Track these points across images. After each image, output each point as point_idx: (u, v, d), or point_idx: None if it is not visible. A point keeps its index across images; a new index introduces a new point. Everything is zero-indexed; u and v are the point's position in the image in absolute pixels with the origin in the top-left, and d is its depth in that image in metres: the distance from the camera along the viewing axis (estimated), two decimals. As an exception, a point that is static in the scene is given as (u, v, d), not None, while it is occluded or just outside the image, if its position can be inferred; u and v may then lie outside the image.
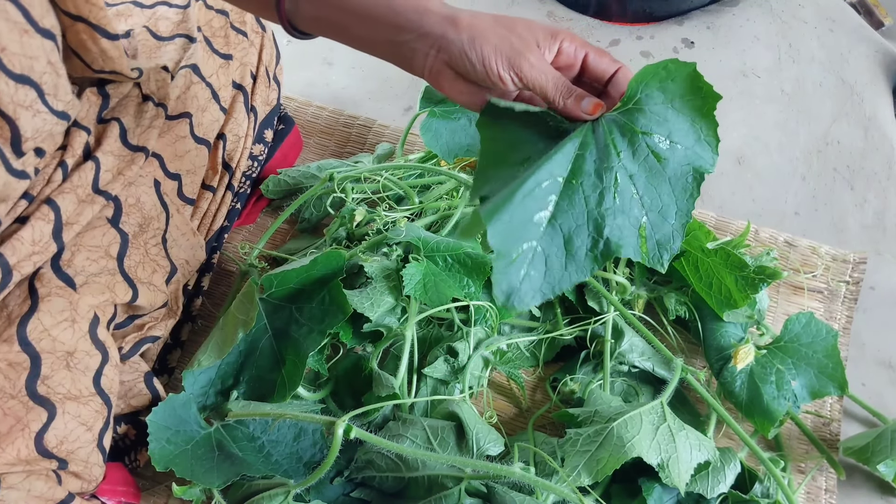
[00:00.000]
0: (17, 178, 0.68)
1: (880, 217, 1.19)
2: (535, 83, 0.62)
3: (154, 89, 0.89)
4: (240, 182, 1.06)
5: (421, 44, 0.64)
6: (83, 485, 0.74)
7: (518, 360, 0.94)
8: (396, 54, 0.67)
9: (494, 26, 0.63)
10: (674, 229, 0.58)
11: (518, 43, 0.62)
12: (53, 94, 0.70)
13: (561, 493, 0.72)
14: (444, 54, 0.64)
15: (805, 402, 0.85)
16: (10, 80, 0.64)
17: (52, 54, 0.69)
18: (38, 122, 0.68)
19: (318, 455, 0.81)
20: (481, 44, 0.62)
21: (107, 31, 0.76)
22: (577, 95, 0.61)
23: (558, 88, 0.62)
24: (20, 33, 0.64)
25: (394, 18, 0.65)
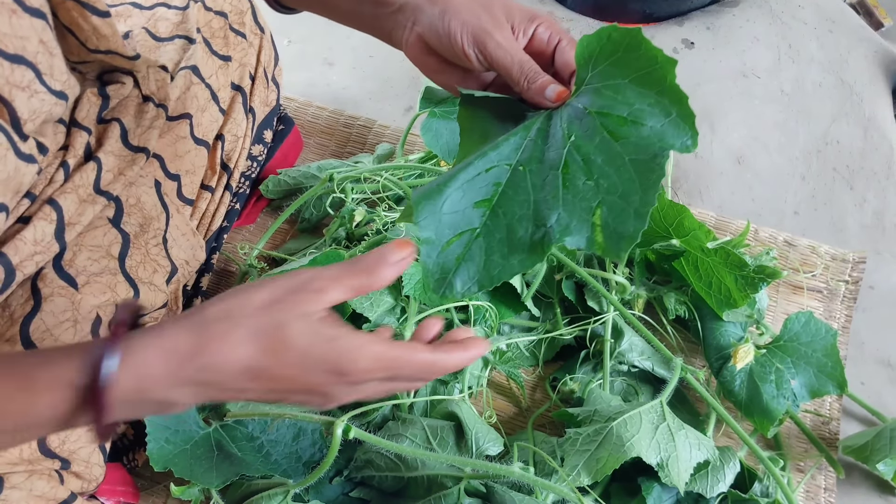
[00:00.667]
0: (25, 162, 0.68)
1: (879, 217, 1.20)
2: (499, 63, 0.60)
3: (154, 90, 0.89)
4: (239, 182, 1.06)
5: (400, 16, 0.64)
6: (84, 485, 0.74)
7: (517, 359, 0.94)
8: (378, 27, 0.66)
9: (470, 2, 0.61)
10: (635, 215, 0.51)
11: (488, 21, 0.60)
12: (50, 74, 0.69)
13: (560, 493, 0.72)
14: (419, 26, 0.63)
15: (804, 401, 0.85)
16: (3, 60, 0.63)
17: (43, 33, 0.68)
18: (35, 103, 0.68)
19: (318, 455, 0.81)
20: (451, 17, 0.60)
21: (96, 7, 0.74)
22: (542, 81, 0.59)
23: (524, 71, 0.59)
24: (8, 14, 0.64)
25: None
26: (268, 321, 0.49)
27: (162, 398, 0.49)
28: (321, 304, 0.50)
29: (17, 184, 0.69)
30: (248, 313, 0.49)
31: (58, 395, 0.48)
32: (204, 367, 0.48)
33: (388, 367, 0.50)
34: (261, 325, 0.49)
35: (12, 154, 0.65)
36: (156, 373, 0.48)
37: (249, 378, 0.49)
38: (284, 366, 0.49)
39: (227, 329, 0.49)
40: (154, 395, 0.48)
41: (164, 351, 0.48)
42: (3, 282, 0.67)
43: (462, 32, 0.60)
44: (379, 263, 0.52)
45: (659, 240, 0.88)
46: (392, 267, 0.52)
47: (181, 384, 0.48)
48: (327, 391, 0.51)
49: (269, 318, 0.49)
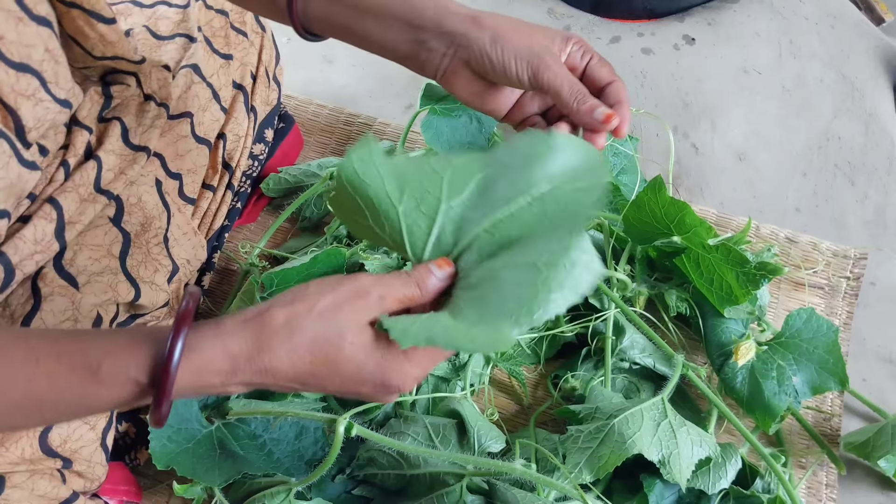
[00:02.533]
0: (28, 169, 0.68)
1: (881, 213, 1.20)
2: (552, 86, 0.62)
3: (156, 88, 0.89)
4: (240, 181, 1.06)
5: (439, 43, 0.65)
6: (86, 484, 0.74)
7: (519, 357, 0.94)
8: (411, 54, 0.67)
9: (516, 28, 0.63)
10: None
11: (538, 47, 0.62)
12: (55, 82, 0.70)
13: (562, 490, 0.72)
14: (464, 52, 0.64)
15: (806, 397, 0.85)
16: (9, 69, 0.63)
17: (49, 41, 0.68)
18: (40, 112, 0.68)
19: (320, 453, 0.81)
20: (503, 45, 0.62)
21: (102, 15, 0.74)
22: (591, 103, 0.62)
23: (573, 93, 0.62)
24: (15, 21, 0.64)
25: (413, 17, 0.65)
26: (329, 330, 0.51)
27: (218, 391, 0.52)
28: (380, 312, 0.53)
29: (19, 190, 0.69)
30: (311, 319, 0.51)
31: (121, 389, 0.50)
32: (262, 370, 0.50)
33: (426, 365, 0.55)
34: (321, 334, 0.51)
35: (15, 162, 0.66)
36: (216, 371, 0.50)
37: (303, 382, 0.52)
38: (337, 375, 0.52)
39: (288, 336, 0.51)
40: (210, 390, 0.52)
41: (226, 352, 0.50)
42: (3, 281, 0.67)
43: (516, 59, 0.62)
44: (428, 276, 0.55)
45: (660, 237, 0.88)
46: (439, 281, 0.55)
47: (237, 382, 0.51)
48: (379, 398, 0.55)
49: (331, 327, 0.51)
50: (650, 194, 0.84)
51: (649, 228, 0.88)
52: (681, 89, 1.27)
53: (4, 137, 0.64)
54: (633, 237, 0.92)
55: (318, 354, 0.51)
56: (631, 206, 0.87)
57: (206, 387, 0.51)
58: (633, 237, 0.92)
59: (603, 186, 0.55)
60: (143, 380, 0.50)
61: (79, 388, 0.49)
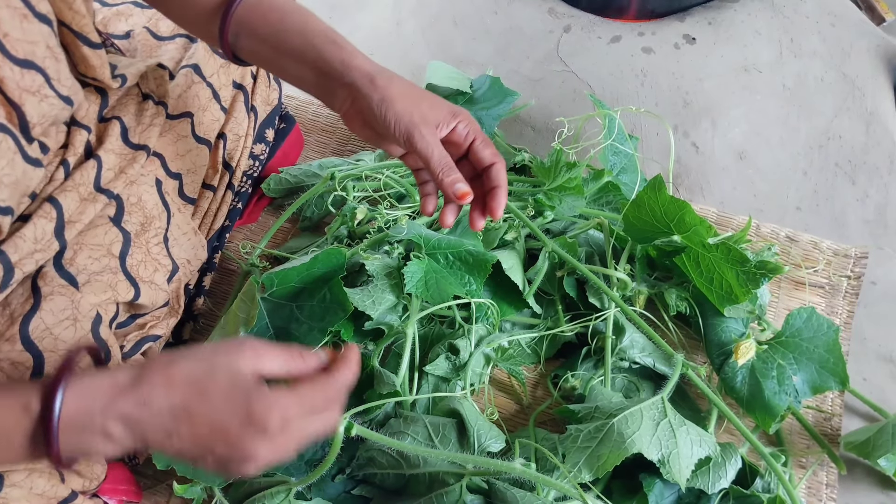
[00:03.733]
0: (32, 165, 0.69)
1: (881, 212, 1.19)
2: (422, 153, 0.70)
3: (153, 87, 0.89)
4: (241, 181, 1.06)
5: (342, 91, 0.73)
6: (85, 483, 0.74)
7: (519, 356, 0.94)
8: (319, 94, 0.76)
9: (404, 96, 0.70)
10: None
11: (417, 117, 0.70)
12: (57, 79, 0.70)
13: (562, 489, 0.72)
14: (358, 104, 0.72)
15: (806, 396, 0.84)
16: (14, 65, 0.64)
17: (49, 39, 0.69)
18: (44, 108, 0.69)
19: (320, 453, 0.81)
20: (388, 107, 0.70)
21: (88, 38, 0.76)
22: (454, 177, 0.70)
23: (441, 165, 0.70)
24: (20, 18, 0.65)
25: (321, 66, 0.73)
26: (203, 365, 0.55)
27: (100, 427, 0.53)
28: (255, 365, 0.56)
29: (24, 187, 0.69)
30: (189, 359, 0.55)
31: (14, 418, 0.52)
32: (140, 401, 0.53)
33: (297, 403, 0.55)
34: (196, 368, 0.55)
35: (20, 158, 0.66)
36: (97, 399, 0.53)
37: (176, 418, 0.53)
38: (207, 408, 0.53)
39: (166, 367, 0.54)
40: (94, 422, 0.53)
41: (107, 381, 0.54)
42: (2, 280, 0.68)
43: (395, 122, 0.70)
44: (314, 359, 0.60)
45: (660, 236, 0.88)
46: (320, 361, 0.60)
47: (118, 417, 0.53)
48: (247, 446, 0.54)
49: (206, 363, 0.55)
50: (650, 193, 0.84)
51: (649, 227, 0.88)
52: (681, 88, 1.27)
53: (9, 133, 0.65)
54: (633, 236, 0.92)
55: (191, 386, 0.54)
56: (631, 206, 0.87)
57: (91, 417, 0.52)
58: (633, 236, 0.92)
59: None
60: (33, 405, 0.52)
61: None
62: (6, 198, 0.66)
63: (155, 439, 0.54)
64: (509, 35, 1.37)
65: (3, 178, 0.65)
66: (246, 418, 0.53)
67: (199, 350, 0.57)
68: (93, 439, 0.53)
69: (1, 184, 0.65)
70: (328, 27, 0.75)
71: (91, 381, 0.54)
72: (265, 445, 0.54)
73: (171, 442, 0.54)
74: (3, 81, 0.64)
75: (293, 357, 0.59)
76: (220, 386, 0.54)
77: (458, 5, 1.42)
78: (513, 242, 0.97)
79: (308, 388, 0.56)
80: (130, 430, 0.53)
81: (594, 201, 1.04)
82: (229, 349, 0.56)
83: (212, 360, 0.55)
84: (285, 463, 0.79)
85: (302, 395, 0.56)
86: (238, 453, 0.54)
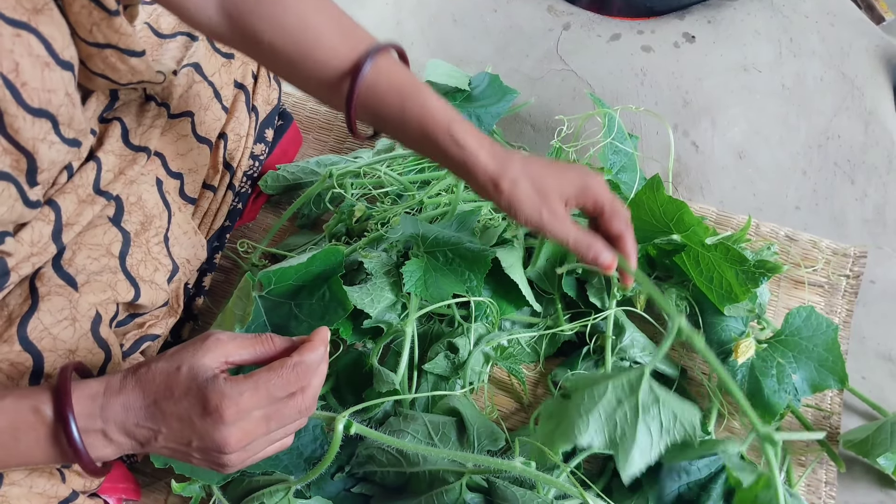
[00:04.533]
0: (30, 208, 0.69)
1: (880, 211, 1.19)
2: (559, 239, 0.71)
3: (158, 90, 0.89)
4: (241, 182, 1.06)
5: (471, 183, 0.72)
6: (86, 483, 0.74)
7: (519, 355, 0.94)
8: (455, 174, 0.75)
9: (530, 197, 0.70)
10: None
11: (547, 214, 0.70)
12: (67, 125, 0.70)
13: (562, 488, 0.72)
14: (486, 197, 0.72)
15: (805, 395, 0.85)
16: (27, 115, 0.63)
17: (69, 85, 0.68)
18: (53, 154, 0.68)
19: (319, 451, 0.81)
20: (515, 212, 0.70)
21: (134, 50, 0.77)
22: (594, 251, 0.70)
23: (580, 245, 0.70)
24: (42, 67, 0.64)
25: (446, 162, 0.72)
26: (171, 364, 0.58)
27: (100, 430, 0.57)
28: (220, 357, 0.58)
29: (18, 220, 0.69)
30: (162, 359, 0.59)
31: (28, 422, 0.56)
32: (125, 405, 0.57)
33: (252, 389, 0.57)
34: (165, 368, 0.58)
35: (20, 204, 0.67)
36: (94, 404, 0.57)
37: (152, 417, 0.57)
38: (172, 404, 0.57)
39: (143, 371, 0.58)
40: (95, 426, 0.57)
41: (101, 387, 0.58)
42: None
43: (525, 222, 0.71)
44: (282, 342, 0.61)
45: (659, 235, 0.88)
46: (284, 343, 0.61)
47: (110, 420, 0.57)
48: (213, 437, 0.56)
49: (173, 360, 0.58)
50: (648, 193, 0.84)
51: (649, 227, 0.88)
52: (681, 87, 1.27)
53: (13, 181, 0.64)
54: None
55: (160, 384, 0.57)
56: (630, 205, 0.87)
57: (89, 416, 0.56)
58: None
59: None
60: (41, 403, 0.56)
61: None
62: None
63: (144, 439, 0.58)
64: (509, 33, 1.37)
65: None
66: (203, 410, 0.56)
67: (174, 349, 0.60)
68: (95, 441, 0.57)
69: None
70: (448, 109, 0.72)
71: (87, 387, 0.57)
72: (231, 434, 0.56)
73: (158, 442, 0.58)
74: (18, 132, 0.63)
75: (260, 342, 0.60)
76: (182, 381, 0.57)
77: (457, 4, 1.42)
78: (512, 241, 0.97)
79: (264, 374, 0.57)
80: (123, 432, 0.57)
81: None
82: (195, 344, 0.59)
83: (179, 356, 0.58)
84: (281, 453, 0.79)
85: (257, 380, 0.57)
86: (209, 444, 0.57)
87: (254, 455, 0.61)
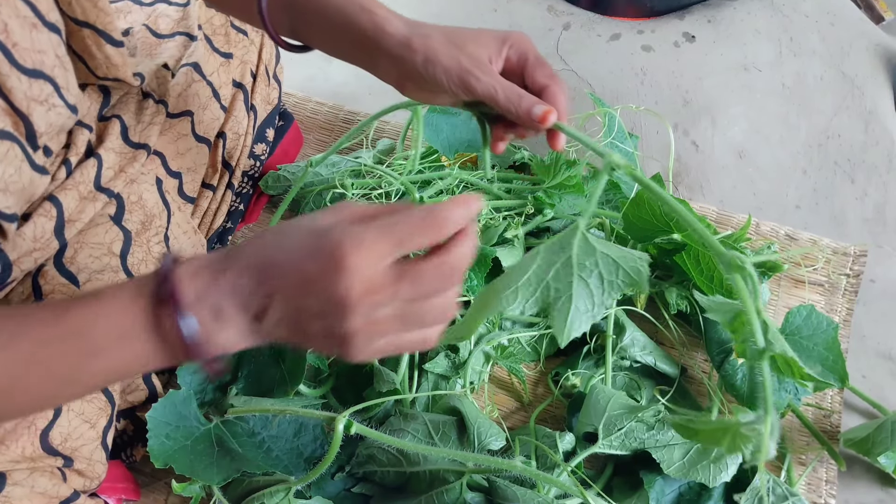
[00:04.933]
0: (39, 173, 0.69)
1: (880, 210, 1.20)
2: (486, 96, 0.65)
3: (154, 87, 0.89)
4: (241, 182, 1.06)
5: (383, 62, 0.69)
6: (87, 483, 0.74)
7: (519, 354, 0.94)
8: (366, 67, 0.72)
9: (446, 47, 0.65)
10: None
11: (467, 62, 0.65)
12: (66, 88, 0.70)
13: (562, 487, 0.72)
14: (404, 71, 0.68)
15: (806, 394, 0.85)
16: (22, 75, 0.64)
17: (58, 48, 0.69)
18: (52, 117, 0.69)
19: (319, 451, 0.81)
20: (433, 66, 0.65)
21: (112, 37, 0.76)
22: (526, 103, 0.64)
23: (509, 98, 0.64)
24: (30, 28, 0.64)
25: (356, 36, 0.69)
26: (287, 224, 0.53)
27: (212, 303, 0.50)
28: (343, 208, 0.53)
29: (29, 194, 0.69)
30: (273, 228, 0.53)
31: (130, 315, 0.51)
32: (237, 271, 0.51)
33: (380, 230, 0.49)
34: (279, 228, 0.52)
35: (27, 166, 0.66)
36: (203, 275, 0.51)
37: (265, 280, 0.50)
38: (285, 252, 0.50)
39: (258, 236, 0.53)
40: (206, 299, 0.50)
41: (206, 259, 0.52)
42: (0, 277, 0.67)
43: (446, 78, 0.65)
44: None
45: (660, 234, 0.88)
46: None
47: (223, 291, 0.50)
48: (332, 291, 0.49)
49: (290, 223, 0.53)
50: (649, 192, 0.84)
51: (649, 226, 0.88)
52: (681, 87, 1.27)
53: (16, 141, 0.64)
54: (633, 235, 0.92)
55: (274, 238, 0.52)
56: (630, 204, 0.87)
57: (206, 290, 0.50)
58: (633, 235, 0.92)
59: None
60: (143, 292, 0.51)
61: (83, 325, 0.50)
62: (12, 205, 0.66)
63: (259, 309, 0.51)
64: (509, 33, 1.37)
65: (10, 186, 0.65)
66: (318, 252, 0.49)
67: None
68: (208, 319, 0.51)
69: (7, 191, 0.65)
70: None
71: (194, 263, 0.52)
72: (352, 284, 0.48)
73: (274, 312, 0.51)
74: (11, 92, 0.63)
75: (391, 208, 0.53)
76: (298, 235, 0.51)
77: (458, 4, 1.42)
78: (512, 241, 0.97)
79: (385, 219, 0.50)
80: (237, 303, 0.51)
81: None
82: (320, 212, 0.53)
83: (298, 219, 0.53)
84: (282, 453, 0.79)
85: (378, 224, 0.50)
86: (327, 306, 0.49)
87: (381, 331, 0.52)
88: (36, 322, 0.51)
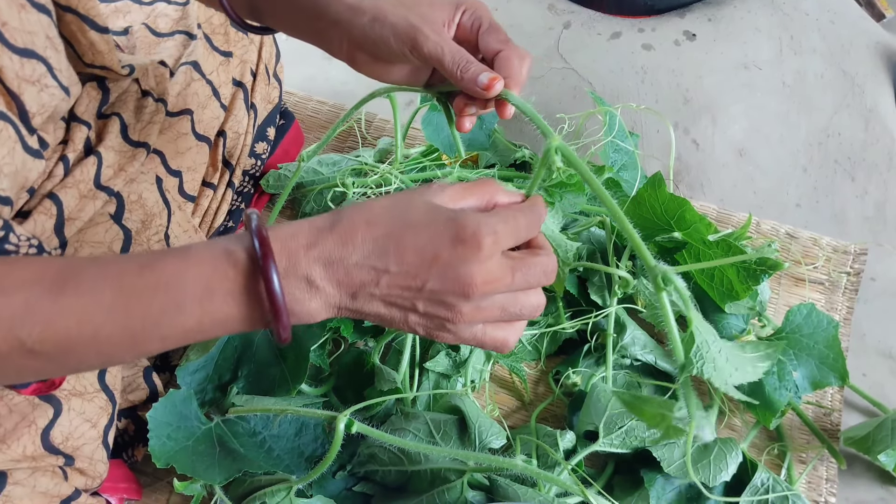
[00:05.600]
0: (32, 156, 0.68)
1: (881, 208, 1.20)
2: (432, 57, 0.62)
3: (153, 85, 0.89)
4: (242, 181, 1.05)
5: (334, 32, 0.66)
6: (88, 482, 0.74)
7: (520, 353, 0.94)
8: (318, 40, 0.69)
9: (395, 6, 0.63)
10: None
11: (415, 18, 0.62)
12: (59, 69, 0.70)
13: (563, 485, 0.72)
14: (354, 39, 0.65)
15: (806, 392, 0.85)
16: (13, 54, 0.63)
17: (49, 29, 0.68)
18: (44, 97, 0.68)
19: (320, 450, 0.81)
20: (380, 24, 0.62)
21: (96, 22, 0.75)
22: (473, 70, 0.61)
23: (455, 61, 0.61)
24: (18, 8, 0.64)
25: (309, 6, 0.66)
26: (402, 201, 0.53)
27: (304, 272, 0.50)
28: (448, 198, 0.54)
29: (23, 178, 0.69)
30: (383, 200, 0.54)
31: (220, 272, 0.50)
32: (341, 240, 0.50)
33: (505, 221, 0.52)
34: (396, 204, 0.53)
35: (20, 147, 0.66)
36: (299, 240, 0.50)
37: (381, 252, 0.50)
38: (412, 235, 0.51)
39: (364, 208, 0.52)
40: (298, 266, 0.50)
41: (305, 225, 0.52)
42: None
43: (394, 35, 0.62)
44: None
45: (661, 233, 0.88)
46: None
47: (319, 258, 0.50)
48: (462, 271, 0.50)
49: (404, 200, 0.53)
50: (650, 191, 0.84)
51: (650, 225, 0.88)
52: (681, 85, 1.27)
53: (9, 121, 0.64)
54: (634, 233, 0.92)
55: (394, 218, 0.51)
56: (631, 203, 0.87)
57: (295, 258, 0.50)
58: (634, 233, 0.92)
59: None
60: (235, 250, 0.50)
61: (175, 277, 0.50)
62: (6, 187, 0.66)
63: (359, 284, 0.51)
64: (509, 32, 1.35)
65: (3, 167, 0.64)
66: (455, 237, 0.50)
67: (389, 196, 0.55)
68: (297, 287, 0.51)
69: (1, 173, 0.64)
70: None
71: (289, 227, 0.51)
72: (479, 271, 0.50)
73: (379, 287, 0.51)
74: (1, 71, 0.63)
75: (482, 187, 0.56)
76: (423, 214, 0.52)
77: (457, 2, 1.42)
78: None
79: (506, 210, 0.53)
80: (332, 274, 0.50)
81: (595, 198, 1.04)
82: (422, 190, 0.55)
83: (409, 196, 0.53)
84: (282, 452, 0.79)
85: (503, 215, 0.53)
86: (449, 285, 0.51)
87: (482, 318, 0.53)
88: (120, 271, 0.50)
